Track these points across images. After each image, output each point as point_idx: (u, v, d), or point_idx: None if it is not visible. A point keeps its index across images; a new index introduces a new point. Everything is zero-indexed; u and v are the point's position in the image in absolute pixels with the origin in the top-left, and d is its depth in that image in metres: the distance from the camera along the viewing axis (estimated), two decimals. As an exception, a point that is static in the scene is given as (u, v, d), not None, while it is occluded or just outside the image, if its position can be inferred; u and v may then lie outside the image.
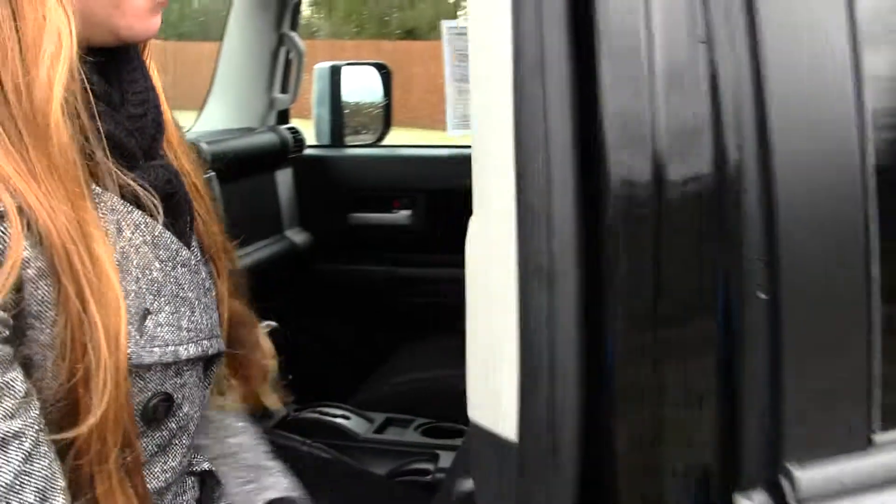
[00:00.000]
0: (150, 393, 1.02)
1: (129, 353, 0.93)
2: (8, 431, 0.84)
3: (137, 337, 0.98)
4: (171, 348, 1.02)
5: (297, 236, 2.87)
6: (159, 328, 1.01)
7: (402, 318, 3.00)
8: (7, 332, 0.86)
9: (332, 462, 1.90)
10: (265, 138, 2.75)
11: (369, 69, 3.23)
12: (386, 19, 24.84)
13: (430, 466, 2.10)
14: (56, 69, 0.88)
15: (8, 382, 0.85)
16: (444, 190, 2.95)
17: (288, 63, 2.89)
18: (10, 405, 0.85)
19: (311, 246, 2.91)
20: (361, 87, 3.22)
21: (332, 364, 2.82)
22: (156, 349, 1.00)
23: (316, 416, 2.35)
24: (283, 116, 2.99)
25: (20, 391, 0.86)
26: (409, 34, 23.24)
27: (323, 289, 2.97)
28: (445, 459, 2.10)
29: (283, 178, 2.87)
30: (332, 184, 2.99)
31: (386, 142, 3.27)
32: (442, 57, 3.03)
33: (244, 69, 2.80)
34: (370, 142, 3.23)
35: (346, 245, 3.04)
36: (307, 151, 3.00)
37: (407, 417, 2.37)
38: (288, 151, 2.84)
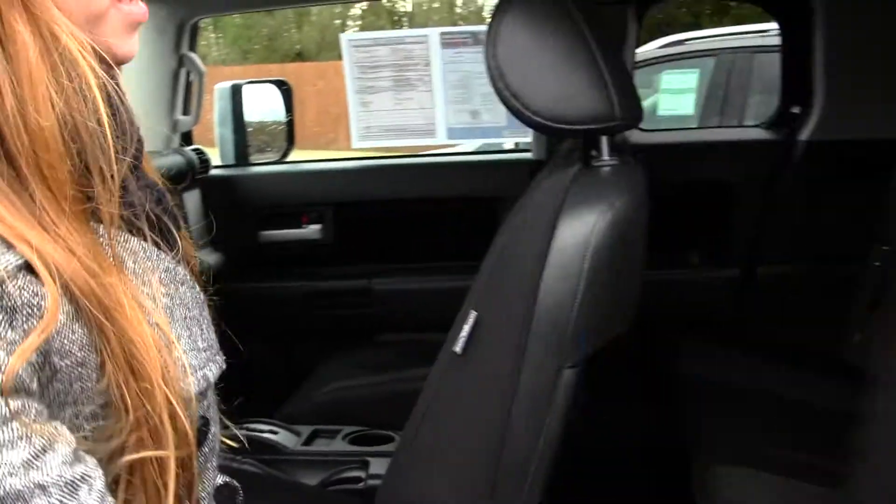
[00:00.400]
0: None
1: None
2: (75, 475, 0.80)
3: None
4: (200, 373, 0.99)
5: (209, 257, 2.86)
6: (184, 355, 0.95)
7: (319, 331, 3.01)
8: (35, 385, 0.79)
9: (263, 477, 1.91)
10: (171, 161, 2.73)
11: (270, 87, 3.24)
12: (275, 43, 24.72)
13: (361, 474, 2.12)
14: (54, 100, 0.80)
15: (57, 428, 0.80)
16: (351, 202, 2.97)
17: (188, 85, 2.88)
18: (67, 451, 0.80)
19: (222, 266, 2.90)
20: (263, 104, 3.22)
21: (255, 380, 2.81)
22: (190, 378, 0.95)
23: (243, 432, 2.34)
24: (187, 138, 2.97)
25: (71, 439, 0.81)
26: (298, 56, 23.20)
27: (238, 308, 2.96)
28: (376, 466, 2.12)
29: (192, 200, 2.85)
30: (240, 203, 2.99)
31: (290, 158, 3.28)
32: (341, 72, 3.04)
33: (145, 93, 2.78)
34: (275, 159, 3.24)
35: (258, 263, 3.03)
36: (213, 172, 2.98)
37: (334, 428, 2.38)
38: (194, 173, 2.82)
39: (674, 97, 4.21)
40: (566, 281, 1.34)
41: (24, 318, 0.75)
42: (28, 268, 0.76)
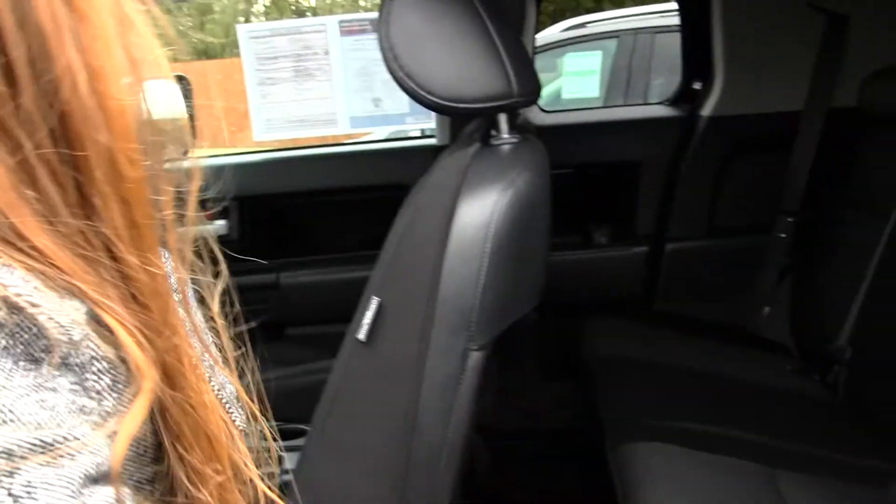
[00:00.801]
0: None
1: None
2: None
3: None
4: (228, 390, 0.78)
5: None
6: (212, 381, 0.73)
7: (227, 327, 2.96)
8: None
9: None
10: None
11: (168, 83, 3.16)
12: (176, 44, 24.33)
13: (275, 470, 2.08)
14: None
15: None
16: (256, 196, 2.92)
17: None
18: None
19: None
20: (162, 102, 3.15)
21: None
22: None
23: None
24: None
25: None
26: (204, 54, 22.91)
27: None
28: (290, 461, 2.08)
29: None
30: None
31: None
32: (241, 65, 2.99)
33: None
34: (177, 156, 3.16)
35: None
36: (113, 171, 2.90)
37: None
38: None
39: (577, 80, 4.20)
40: (468, 262, 1.32)
41: (96, 379, 0.54)
42: (92, 315, 0.54)
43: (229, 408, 0.75)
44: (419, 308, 1.36)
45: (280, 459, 2.10)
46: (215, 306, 0.74)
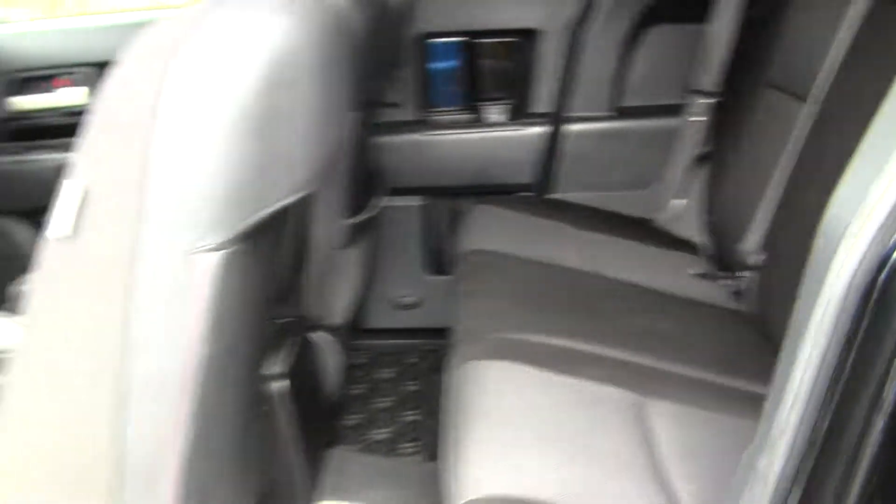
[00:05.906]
0: None
1: None
2: None
3: None
4: None
5: None
6: None
7: None
8: None
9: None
10: None
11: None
12: None
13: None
14: None
15: None
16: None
17: None
18: None
19: None
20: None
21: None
22: None
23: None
24: None
25: None
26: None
27: None
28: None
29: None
30: None
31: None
32: None
33: None
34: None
35: (7, 136, 2.62)
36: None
37: None
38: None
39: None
40: (193, 133, 0.99)
41: None
42: None
43: None
44: (130, 195, 1.02)
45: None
46: None
